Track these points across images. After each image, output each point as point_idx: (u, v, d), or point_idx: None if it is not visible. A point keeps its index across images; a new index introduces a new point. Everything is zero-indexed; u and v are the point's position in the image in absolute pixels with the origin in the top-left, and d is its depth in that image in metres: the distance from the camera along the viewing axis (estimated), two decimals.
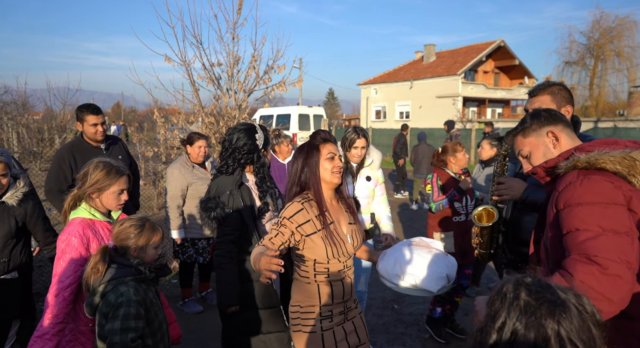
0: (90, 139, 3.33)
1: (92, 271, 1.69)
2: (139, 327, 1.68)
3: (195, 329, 3.70)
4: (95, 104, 3.38)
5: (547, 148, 1.54)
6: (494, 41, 30.40)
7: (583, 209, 1.31)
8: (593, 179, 1.34)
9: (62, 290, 1.82)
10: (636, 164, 1.34)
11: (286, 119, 15.58)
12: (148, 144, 6.90)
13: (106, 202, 1.97)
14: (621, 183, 1.34)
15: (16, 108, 12.51)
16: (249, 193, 2.35)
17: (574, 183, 1.36)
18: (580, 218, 1.31)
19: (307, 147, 1.89)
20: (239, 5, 5.20)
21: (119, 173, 1.97)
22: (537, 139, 1.55)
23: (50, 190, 3.24)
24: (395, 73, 33.58)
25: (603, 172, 1.37)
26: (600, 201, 1.30)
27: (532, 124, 1.56)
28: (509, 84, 32.49)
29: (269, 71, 5.50)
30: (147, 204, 7.49)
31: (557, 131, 1.52)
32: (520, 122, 1.61)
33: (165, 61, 5.03)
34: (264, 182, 2.39)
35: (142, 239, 1.78)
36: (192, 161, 3.83)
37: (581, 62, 30.51)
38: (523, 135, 1.58)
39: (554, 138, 1.53)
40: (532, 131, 1.56)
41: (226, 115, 5.34)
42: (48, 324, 1.81)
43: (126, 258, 1.76)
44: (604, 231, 1.27)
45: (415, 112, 30.29)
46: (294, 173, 1.88)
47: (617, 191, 1.31)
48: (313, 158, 1.85)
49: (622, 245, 1.25)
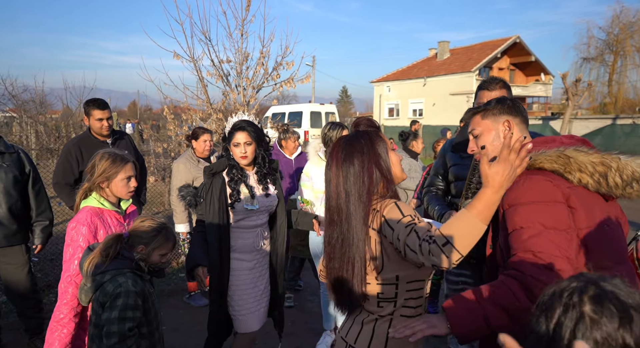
0: (97, 134, 3.38)
1: (100, 254, 1.72)
2: (136, 317, 1.71)
3: (200, 321, 3.74)
4: (105, 100, 3.43)
5: (497, 135, 1.56)
6: (509, 37, 29.93)
7: (526, 209, 1.35)
8: (534, 179, 1.39)
9: (73, 277, 1.89)
10: (570, 161, 1.38)
11: (298, 117, 15.58)
12: (158, 140, 6.98)
13: (116, 190, 2.02)
14: (560, 181, 1.38)
15: (35, 107, 12.79)
16: (222, 182, 2.41)
17: (517, 183, 1.39)
18: (523, 217, 1.35)
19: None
20: (248, 2, 5.22)
21: (123, 160, 2.02)
22: (493, 123, 1.57)
23: (58, 183, 3.32)
24: (408, 70, 33.33)
25: (543, 171, 1.41)
26: (542, 200, 1.35)
27: (495, 108, 1.57)
28: (524, 80, 31.96)
29: (278, 67, 5.52)
30: (159, 200, 7.59)
31: (514, 123, 1.54)
32: (486, 103, 1.62)
33: (173, 58, 5.08)
34: (230, 171, 2.42)
35: (155, 244, 1.82)
36: (197, 156, 3.87)
37: (600, 58, 29.80)
38: (482, 115, 1.59)
39: (508, 128, 1.55)
40: (492, 115, 1.57)
41: (235, 111, 5.38)
42: (63, 309, 1.88)
43: (131, 252, 1.79)
44: (545, 228, 1.31)
45: (429, 109, 30.02)
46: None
47: (557, 190, 1.35)
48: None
49: (562, 241, 1.29)
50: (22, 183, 2.98)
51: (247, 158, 2.39)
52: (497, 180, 1.22)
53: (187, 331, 3.59)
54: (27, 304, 3.10)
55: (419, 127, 10.88)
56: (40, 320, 3.13)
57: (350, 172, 1.41)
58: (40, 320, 3.13)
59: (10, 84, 11.19)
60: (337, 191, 1.44)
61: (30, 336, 3.15)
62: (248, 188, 2.43)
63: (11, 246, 2.93)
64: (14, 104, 12.14)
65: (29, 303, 3.10)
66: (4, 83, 11.03)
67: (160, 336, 1.92)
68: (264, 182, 2.49)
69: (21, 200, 2.96)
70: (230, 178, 2.40)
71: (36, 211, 3.04)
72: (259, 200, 2.45)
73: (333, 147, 1.50)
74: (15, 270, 2.99)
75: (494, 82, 2.28)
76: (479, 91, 2.33)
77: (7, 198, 2.87)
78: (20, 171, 2.95)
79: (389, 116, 33.15)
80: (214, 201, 2.35)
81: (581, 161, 1.38)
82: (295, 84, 5.74)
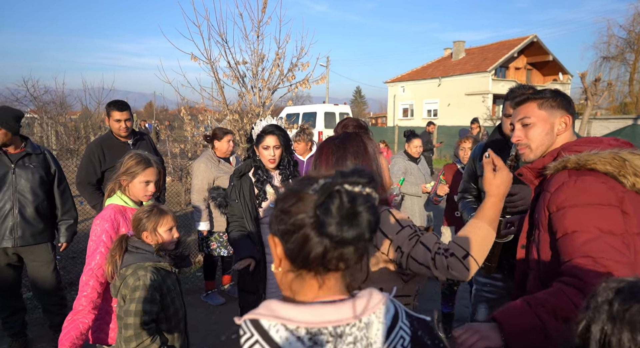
0: (116, 135, 3.47)
1: (110, 258, 1.79)
2: (153, 311, 1.74)
3: (217, 320, 3.80)
4: (126, 102, 3.51)
5: (551, 130, 1.47)
6: (526, 37, 29.47)
7: (579, 211, 1.27)
8: (586, 180, 1.30)
9: (94, 270, 1.95)
10: (625, 164, 1.30)
11: (312, 117, 15.62)
12: (175, 140, 7.08)
13: (133, 191, 2.08)
14: (613, 184, 1.30)
15: (55, 108, 13.09)
16: (250, 183, 2.51)
17: (567, 184, 1.32)
18: (576, 220, 1.27)
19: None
20: (264, 4, 5.27)
21: (146, 163, 2.08)
22: (549, 117, 1.47)
23: (81, 182, 3.41)
24: (423, 71, 33.09)
25: (594, 172, 1.32)
26: (596, 203, 1.27)
27: (554, 100, 1.46)
28: (542, 80, 31.42)
29: (293, 68, 5.56)
30: (175, 200, 7.70)
31: (569, 121, 1.48)
32: (537, 91, 1.51)
33: (191, 60, 5.16)
34: (256, 172, 2.52)
35: (151, 223, 1.84)
36: (218, 156, 3.94)
37: (620, 57, 29.12)
38: (539, 105, 1.48)
39: (565, 125, 1.46)
40: (550, 107, 1.46)
41: (250, 112, 5.43)
42: (82, 301, 1.93)
43: (146, 245, 1.84)
44: (602, 232, 1.23)
45: (444, 110, 29.76)
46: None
47: (611, 193, 1.28)
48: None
49: (621, 246, 1.22)
50: (48, 183, 3.07)
51: (275, 161, 2.49)
52: (503, 190, 1.24)
53: (204, 329, 3.65)
54: (51, 300, 3.19)
55: (433, 129, 10.80)
56: (63, 317, 3.20)
57: None
58: (64, 317, 3.20)
59: (32, 85, 11.47)
60: None
61: (55, 332, 3.24)
62: (274, 189, 2.53)
63: (38, 244, 3.02)
64: (35, 105, 12.43)
65: (53, 299, 3.20)
66: (25, 85, 11.31)
67: (182, 336, 1.94)
68: (286, 182, 2.58)
69: (47, 200, 3.06)
70: (256, 179, 2.51)
71: (61, 210, 3.14)
72: None
73: (321, 149, 1.38)
74: (41, 267, 3.09)
75: (520, 91, 2.06)
76: (505, 101, 2.20)
77: (34, 197, 2.97)
78: (46, 171, 3.04)
79: (403, 116, 32.96)
80: (247, 202, 2.47)
81: (637, 165, 1.30)
82: (310, 85, 5.78)
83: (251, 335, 0.72)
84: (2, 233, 2.91)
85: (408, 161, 4.30)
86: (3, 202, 2.90)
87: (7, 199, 2.91)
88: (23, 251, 3.01)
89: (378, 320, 0.75)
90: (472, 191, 2.48)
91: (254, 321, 0.73)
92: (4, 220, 2.91)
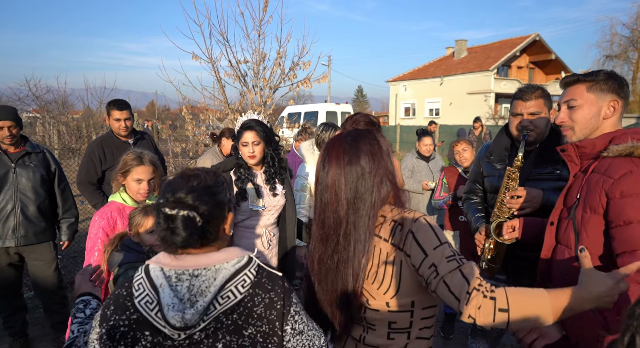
0: (116, 134, 3.46)
1: (105, 255, 1.82)
2: None
3: None
4: (125, 101, 3.50)
5: (598, 114, 1.41)
6: (528, 35, 29.38)
7: None
8: None
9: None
10: None
11: (314, 116, 15.61)
12: (177, 140, 7.07)
13: (129, 188, 2.13)
14: None
15: (57, 107, 13.10)
16: (229, 181, 2.45)
17: (632, 172, 1.26)
18: None
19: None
20: (265, 2, 5.26)
21: (140, 161, 2.11)
22: (597, 100, 1.41)
23: (81, 182, 3.40)
24: (425, 69, 33.03)
25: None
26: None
27: (605, 83, 1.40)
28: (544, 79, 31.32)
29: (294, 67, 5.55)
30: None
31: (620, 105, 1.40)
32: (589, 73, 1.44)
33: (192, 59, 5.16)
34: (238, 170, 2.43)
35: (135, 224, 1.85)
36: (223, 154, 3.92)
37: (623, 56, 29.02)
38: (588, 88, 1.42)
39: (613, 109, 1.40)
40: (599, 90, 1.40)
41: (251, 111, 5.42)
42: None
43: (137, 245, 1.85)
44: None
45: (446, 109, 29.70)
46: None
47: None
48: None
49: None
50: (49, 181, 3.07)
51: (255, 158, 2.38)
52: (604, 300, 1.04)
53: None
54: (53, 299, 3.19)
55: (434, 128, 10.76)
56: (64, 316, 3.22)
57: (356, 176, 1.19)
58: (65, 316, 3.21)
59: (34, 85, 11.49)
60: (336, 199, 1.20)
61: (56, 331, 3.24)
62: (255, 187, 2.42)
63: (40, 243, 3.03)
64: (37, 104, 12.46)
65: (54, 298, 3.20)
66: (28, 84, 11.33)
67: None
68: (271, 181, 2.48)
69: (48, 198, 3.06)
70: (237, 177, 2.41)
71: (62, 208, 3.14)
72: (266, 200, 2.45)
73: (330, 146, 1.26)
74: (43, 266, 3.09)
75: (529, 91, 2.02)
76: (513, 100, 2.14)
77: (36, 196, 2.97)
78: (46, 170, 3.04)
79: (405, 115, 32.91)
80: None
81: None
82: (312, 84, 5.76)
83: (139, 274, 1.09)
84: (5, 232, 2.91)
85: (417, 159, 4.29)
86: (5, 202, 2.91)
87: (9, 198, 2.91)
88: (25, 251, 3.02)
89: (226, 268, 1.07)
90: (477, 192, 2.45)
91: (146, 266, 1.10)
92: (6, 219, 2.91)
